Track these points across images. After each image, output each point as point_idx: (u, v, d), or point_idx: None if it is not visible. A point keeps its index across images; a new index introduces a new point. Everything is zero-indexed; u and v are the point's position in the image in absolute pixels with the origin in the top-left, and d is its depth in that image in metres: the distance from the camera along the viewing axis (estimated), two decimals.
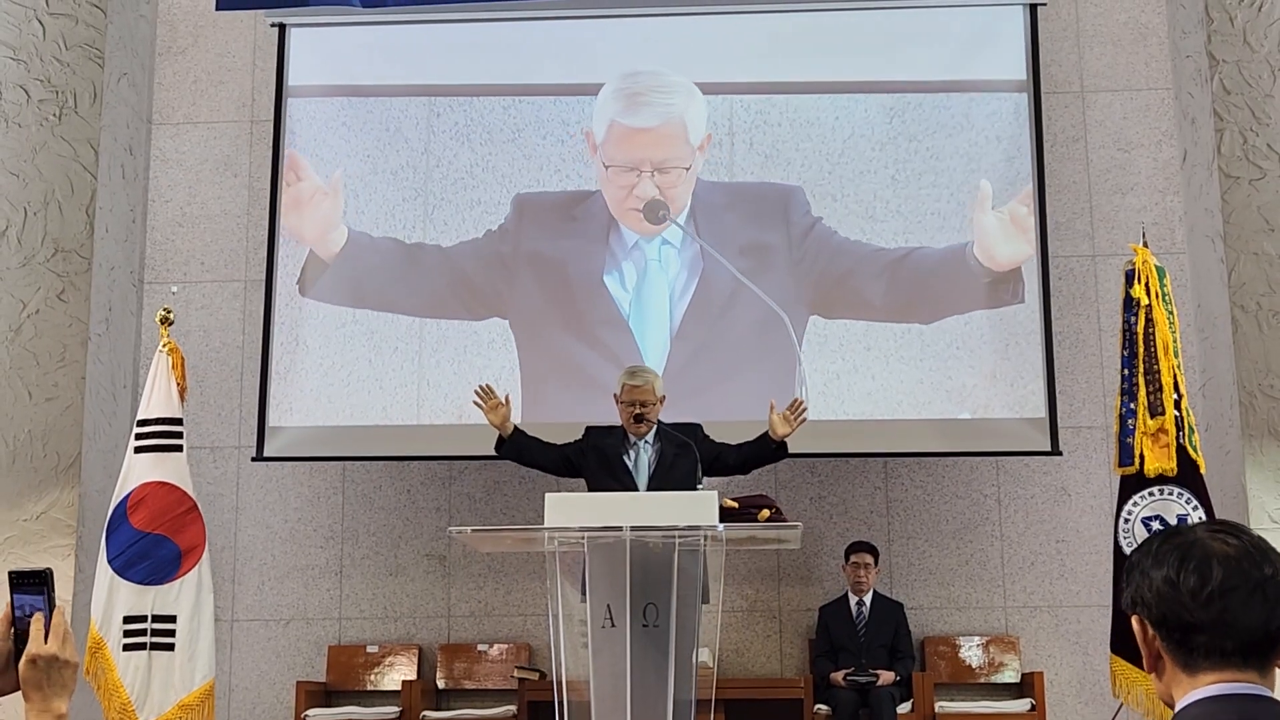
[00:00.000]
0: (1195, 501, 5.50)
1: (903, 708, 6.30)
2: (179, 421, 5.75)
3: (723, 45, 7.10)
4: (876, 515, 6.98)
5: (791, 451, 5.46)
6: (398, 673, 6.86)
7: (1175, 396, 5.54)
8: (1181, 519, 5.45)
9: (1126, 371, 5.66)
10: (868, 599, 6.59)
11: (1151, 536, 1.71)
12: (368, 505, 7.13)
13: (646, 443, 5.32)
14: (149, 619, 5.49)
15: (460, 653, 6.93)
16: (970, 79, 6.98)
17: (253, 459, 6.90)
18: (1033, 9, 7.03)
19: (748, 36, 7.09)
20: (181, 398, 5.80)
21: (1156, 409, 5.53)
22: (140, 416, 5.78)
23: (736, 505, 4.87)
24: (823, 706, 6.34)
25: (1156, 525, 5.44)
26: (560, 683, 4.70)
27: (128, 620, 5.48)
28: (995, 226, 6.82)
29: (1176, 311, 5.78)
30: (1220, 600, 1.59)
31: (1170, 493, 5.52)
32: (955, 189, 6.88)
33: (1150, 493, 5.54)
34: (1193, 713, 1.59)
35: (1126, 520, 5.56)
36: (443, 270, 6.96)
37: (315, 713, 6.58)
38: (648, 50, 7.15)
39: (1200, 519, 5.40)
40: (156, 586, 5.53)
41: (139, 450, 5.69)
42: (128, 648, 5.46)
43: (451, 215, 7.02)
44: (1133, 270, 5.68)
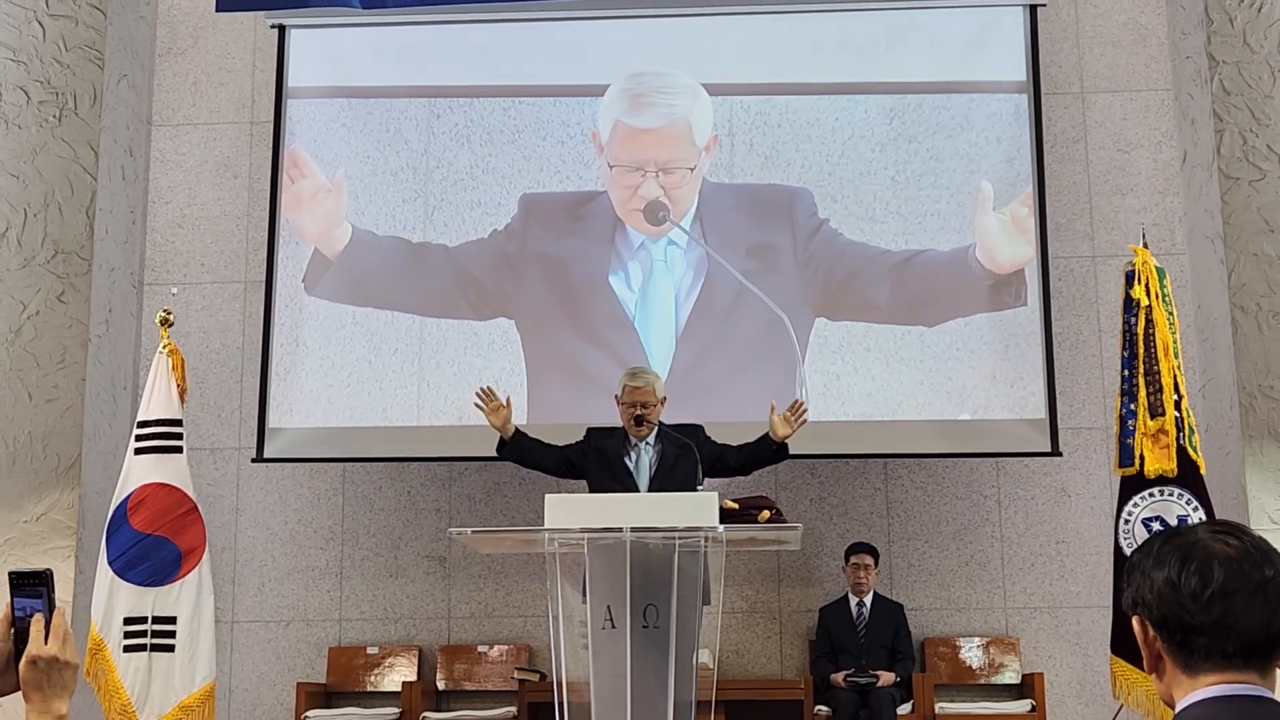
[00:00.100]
0: (1195, 502, 5.50)
1: (903, 709, 6.30)
2: (179, 423, 5.75)
3: (722, 46, 7.10)
4: (876, 516, 6.98)
5: (792, 453, 5.46)
6: (398, 674, 6.86)
7: (1175, 397, 5.54)
8: (1182, 520, 5.45)
9: (1127, 372, 5.66)
10: (868, 600, 6.59)
11: (1152, 537, 1.70)
12: (368, 506, 7.13)
13: (647, 444, 5.31)
14: (149, 620, 5.49)
15: (460, 654, 6.93)
16: (970, 80, 6.98)
17: (253, 460, 6.90)
18: (1032, 10, 7.03)
19: (747, 37, 7.09)
20: (181, 399, 5.80)
21: (1157, 410, 5.53)
22: (140, 418, 5.78)
23: (737, 506, 4.87)
24: (823, 708, 6.34)
25: (1157, 526, 5.44)
26: (560, 684, 4.69)
27: (128, 621, 5.48)
28: (996, 228, 6.82)
29: (1176, 312, 5.77)
30: (1221, 602, 1.59)
31: (1170, 493, 5.52)
32: (955, 190, 6.88)
33: (1150, 493, 5.53)
34: (1193, 713, 1.59)
35: (1127, 521, 5.56)
36: (448, 270, 6.96)
37: (315, 714, 6.58)
38: (646, 51, 7.14)
39: (1200, 520, 5.40)
40: (157, 588, 5.53)
41: (139, 451, 5.69)
42: (128, 649, 5.46)
43: (451, 216, 7.01)
44: (1133, 271, 5.68)
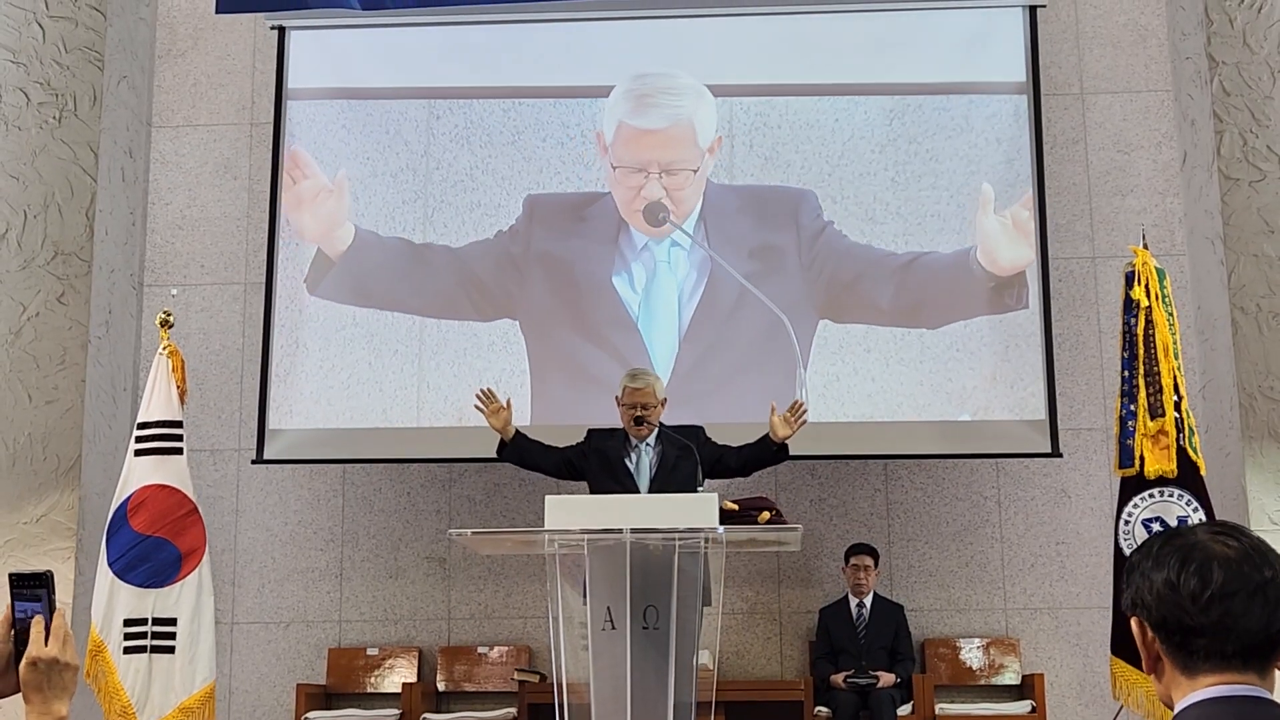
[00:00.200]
0: (1195, 503, 5.49)
1: (903, 710, 6.30)
2: (179, 424, 5.75)
3: (721, 47, 7.10)
4: (876, 517, 6.98)
5: (792, 453, 5.46)
6: (398, 675, 6.86)
7: (1175, 398, 5.53)
8: (1182, 520, 5.44)
9: (1127, 373, 5.65)
10: (868, 601, 6.59)
11: (1151, 538, 1.70)
12: (368, 508, 7.13)
13: (648, 445, 5.31)
14: (149, 622, 5.49)
15: (460, 655, 6.93)
16: (970, 81, 6.98)
17: (253, 462, 6.90)
18: (1032, 11, 7.03)
19: (747, 38, 7.09)
20: (181, 400, 5.80)
21: (1157, 411, 5.53)
22: (140, 419, 5.77)
23: (737, 507, 4.87)
24: (823, 709, 6.34)
25: (1157, 527, 5.44)
26: (561, 685, 4.69)
27: (128, 623, 5.48)
28: (998, 231, 6.82)
29: (1176, 313, 5.77)
30: (1221, 603, 1.58)
31: (1170, 494, 5.51)
32: (955, 191, 6.88)
33: (1150, 494, 5.53)
34: (1192, 714, 1.59)
35: (1127, 522, 5.56)
36: (453, 271, 6.96)
37: (315, 715, 6.58)
38: (644, 53, 7.14)
39: (1200, 521, 5.38)
40: (157, 589, 5.53)
41: (139, 453, 5.69)
42: (128, 650, 5.46)
43: (451, 218, 7.01)
44: (1133, 272, 5.68)
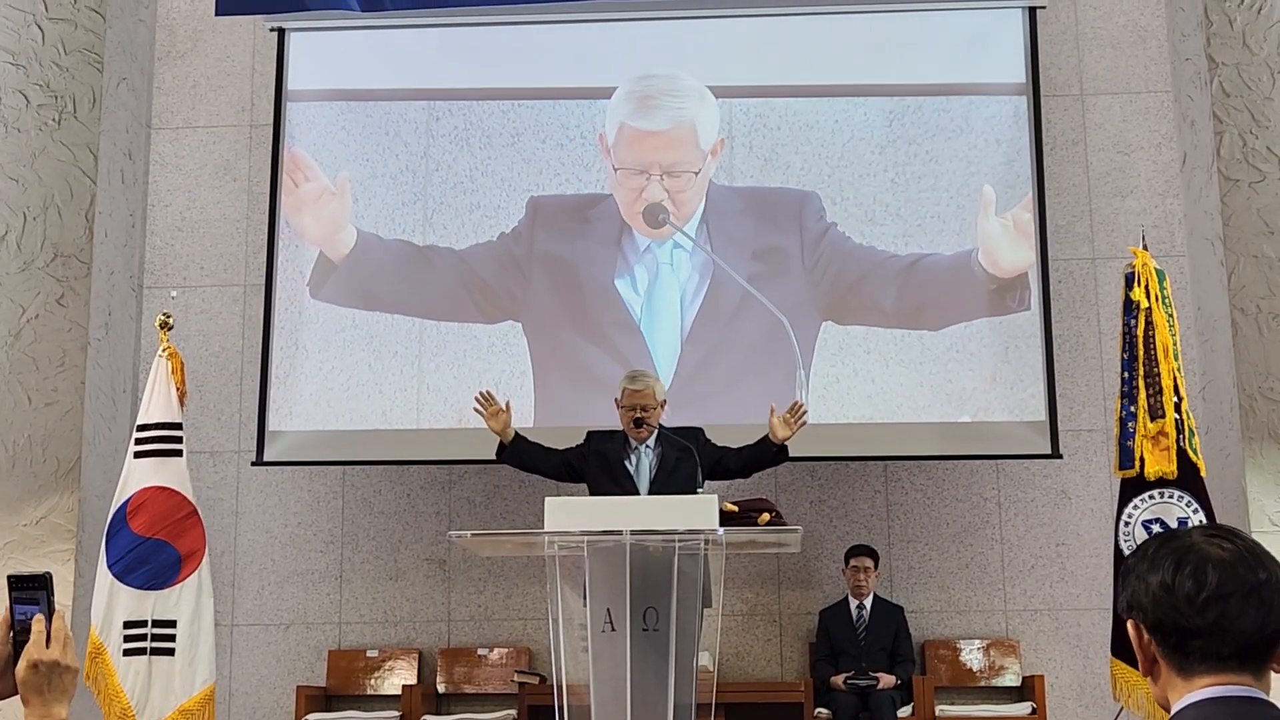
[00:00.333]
0: (1196, 504, 5.49)
1: (903, 711, 6.30)
2: (179, 426, 5.75)
3: (721, 48, 7.09)
4: (876, 518, 6.97)
5: (792, 455, 5.45)
6: (398, 677, 6.85)
7: (1175, 399, 5.53)
8: (1182, 522, 5.44)
9: (1127, 374, 5.65)
10: (868, 602, 6.59)
11: (1146, 542, 1.70)
12: (367, 509, 7.13)
13: (647, 447, 5.31)
14: (149, 624, 5.49)
15: (460, 657, 6.92)
16: (969, 82, 6.98)
17: (252, 463, 6.90)
18: (1032, 12, 7.03)
19: (746, 40, 7.08)
20: (181, 402, 5.80)
21: (1157, 412, 5.53)
22: (140, 421, 5.78)
23: (736, 509, 4.87)
24: (823, 710, 6.33)
25: (1157, 528, 5.44)
26: (561, 687, 4.69)
27: (128, 625, 5.48)
28: (999, 233, 6.81)
29: (1176, 314, 5.77)
30: (1216, 605, 1.59)
31: (1171, 495, 5.51)
32: (955, 192, 6.87)
33: (1150, 495, 5.53)
34: (1189, 715, 1.59)
35: (1127, 523, 5.56)
36: (456, 273, 6.95)
37: (315, 717, 6.58)
38: (643, 54, 7.14)
39: (1201, 522, 5.40)
40: (157, 591, 5.53)
41: (139, 455, 5.69)
42: (128, 653, 5.46)
43: (451, 219, 7.01)
44: (1133, 273, 5.68)
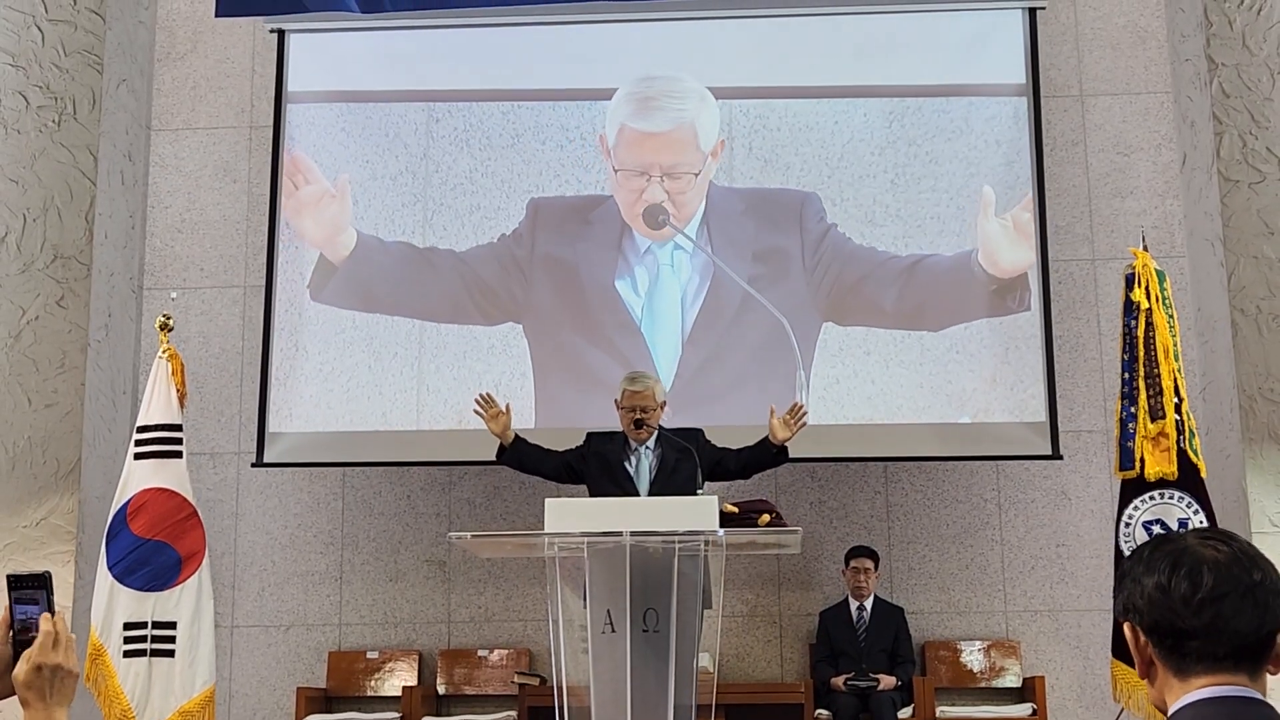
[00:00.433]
0: (1196, 505, 5.49)
1: (903, 713, 6.29)
2: (179, 428, 5.75)
3: (720, 50, 7.09)
4: (877, 520, 6.97)
5: (792, 456, 5.45)
6: (398, 678, 6.85)
7: (1175, 400, 5.53)
8: (1183, 523, 5.44)
9: (1127, 375, 5.65)
10: (868, 604, 6.58)
11: (1142, 545, 1.71)
12: (367, 511, 7.12)
13: (647, 448, 5.31)
14: (149, 625, 5.50)
15: (460, 658, 6.92)
16: (969, 83, 6.97)
17: (252, 465, 6.90)
18: (1032, 13, 7.03)
19: (746, 41, 7.08)
20: (181, 404, 5.80)
21: (1157, 413, 5.52)
22: (140, 423, 5.78)
23: (737, 510, 4.86)
24: (823, 711, 6.33)
25: (1157, 529, 5.44)
26: (561, 688, 4.69)
27: (128, 627, 5.48)
28: (999, 234, 6.81)
29: (1176, 315, 5.77)
30: (1212, 606, 1.60)
31: (1171, 496, 5.51)
32: (955, 193, 6.87)
33: (1151, 496, 5.53)
34: (1186, 715, 1.59)
35: (1127, 524, 5.56)
36: (457, 275, 6.95)
37: (315, 719, 6.57)
38: (643, 55, 7.13)
39: (1201, 523, 5.40)
40: (157, 593, 5.53)
41: (139, 456, 5.70)
42: (128, 654, 5.46)
43: (451, 221, 7.01)
44: (1133, 274, 5.68)
